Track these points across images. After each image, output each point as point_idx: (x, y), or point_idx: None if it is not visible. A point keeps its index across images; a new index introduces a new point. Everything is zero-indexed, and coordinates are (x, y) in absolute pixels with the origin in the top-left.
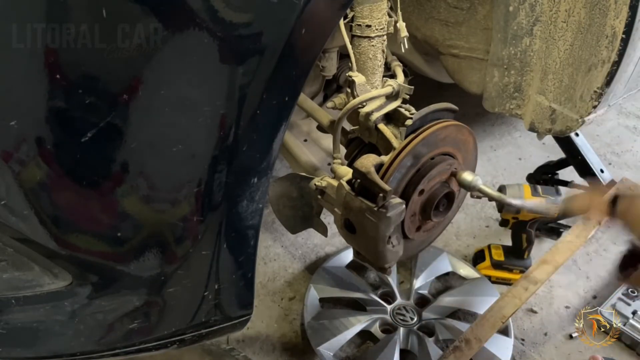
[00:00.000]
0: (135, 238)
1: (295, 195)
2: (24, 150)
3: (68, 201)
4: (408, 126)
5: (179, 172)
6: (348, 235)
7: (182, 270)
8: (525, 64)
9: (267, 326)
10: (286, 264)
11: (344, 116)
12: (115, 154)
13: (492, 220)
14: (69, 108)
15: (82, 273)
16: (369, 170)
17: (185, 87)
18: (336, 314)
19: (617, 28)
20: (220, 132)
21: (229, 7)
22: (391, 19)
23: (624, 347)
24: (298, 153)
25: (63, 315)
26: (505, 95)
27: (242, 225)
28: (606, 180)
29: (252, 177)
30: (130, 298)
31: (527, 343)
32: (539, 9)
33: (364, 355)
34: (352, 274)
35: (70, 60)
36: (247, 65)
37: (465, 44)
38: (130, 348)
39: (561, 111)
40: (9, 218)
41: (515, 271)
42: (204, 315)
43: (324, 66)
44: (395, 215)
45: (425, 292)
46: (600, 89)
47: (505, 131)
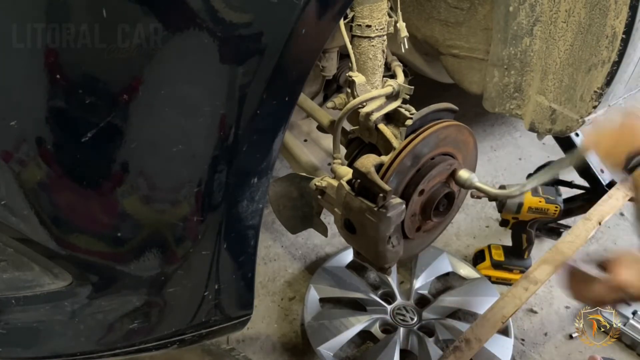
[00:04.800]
0: (135, 238)
1: (295, 196)
2: (24, 150)
3: (68, 201)
4: (408, 126)
5: (179, 172)
6: (348, 235)
7: (182, 271)
8: (526, 64)
9: (267, 326)
10: (286, 264)
11: (344, 116)
12: (116, 154)
13: (492, 220)
14: (69, 108)
15: (82, 273)
16: (369, 171)
17: (185, 87)
18: (336, 314)
19: (617, 28)
20: (221, 132)
21: (229, 7)
22: (391, 19)
23: (624, 347)
24: (298, 153)
25: (63, 315)
26: (505, 96)
27: (242, 225)
28: (606, 180)
29: (252, 177)
30: (131, 298)
31: (527, 343)
32: (539, 9)
33: (364, 356)
34: (352, 274)
35: (71, 60)
36: (247, 66)
37: (465, 44)
38: (130, 348)
39: (561, 111)
40: (9, 218)
41: (515, 271)
42: (204, 316)
43: (324, 66)
44: (395, 216)
45: (426, 292)
46: (600, 89)
47: (505, 131)
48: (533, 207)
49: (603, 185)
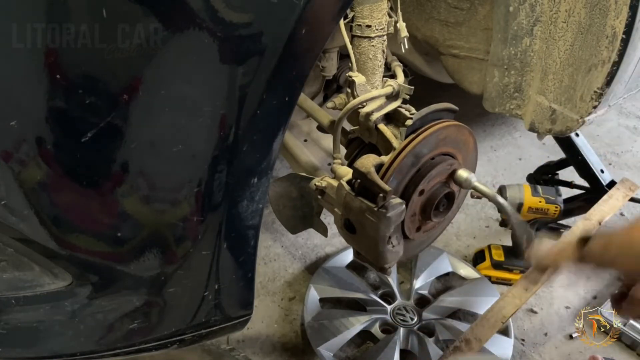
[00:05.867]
0: (135, 238)
1: (295, 196)
2: (24, 150)
3: (68, 201)
4: (408, 126)
5: (179, 172)
6: (348, 235)
7: (182, 271)
8: (526, 64)
9: (267, 326)
10: (286, 264)
11: (344, 116)
12: (116, 154)
13: (492, 220)
14: (69, 108)
15: (82, 273)
16: (369, 171)
17: (186, 87)
18: (336, 314)
19: (617, 28)
20: (221, 132)
21: (229, 7)
22: (391, 19)
23: (624, 347)
24: (298, 153)
25: (63, 315)
26: (505, 96)
27: (242, 225)
28: (606, 180)
29: (252, 177)
30: (131, 298)
31: (527, 343)
32: (539, 9)
33: (364, 356)
34: (352, 274)
35: (70, 60)
36: (247, 66)
37: (465, 44)
38: (130, 348)
39: (561, 111)
40: (9, 218)
41: (515, 271)
42: (204, 316)
43: (324, 66)
44: (395, 216)
45: (426, 292)
46: (600, 89)
47: (505, 131)
48: (533, 207)
49: (603, 185)
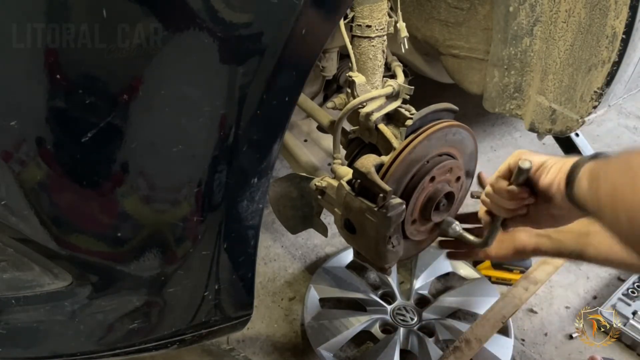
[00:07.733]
0: (135, 238)
1: (295, 196)
2: (24, 150)
3: (68, 201)
4: (408, 126)
5: (179, 173)
6: (348, 235)
7: (182, 271)
8: (526, 64)
9: (267, 326)
10: (286, 264)
11: (344, 116)
12: (116, 154)
13: None
14: (69, 108)
15: (82, 273)
16: (369, 171)
17: (185, 87)
18: (336, 314)
19: (617, 28)
20: (221, 132)
21: (229, 7)
22: (391, 19)
23: (624, 347)
24: (298, 153)
25: (63, 316)
26: (505, 96)
27: (242, 225)
28: None
29: (252, 177)
30: (131, 298)
31: (527, 343)
32: (539, 9)
33: (364, 356)
34: (352, 274)
35: (70, 60)
36: (247, 66)
37: (465, 44)
38: (130, 348)
39: (561, 111)
40: (9, 218)
41: (515, 271)
42: (204, 316)
43: (324, 66)
44: (395, 216)
45: (426, 292)
46: (600, 89)
47: (505, 131)
48: None
49: None
